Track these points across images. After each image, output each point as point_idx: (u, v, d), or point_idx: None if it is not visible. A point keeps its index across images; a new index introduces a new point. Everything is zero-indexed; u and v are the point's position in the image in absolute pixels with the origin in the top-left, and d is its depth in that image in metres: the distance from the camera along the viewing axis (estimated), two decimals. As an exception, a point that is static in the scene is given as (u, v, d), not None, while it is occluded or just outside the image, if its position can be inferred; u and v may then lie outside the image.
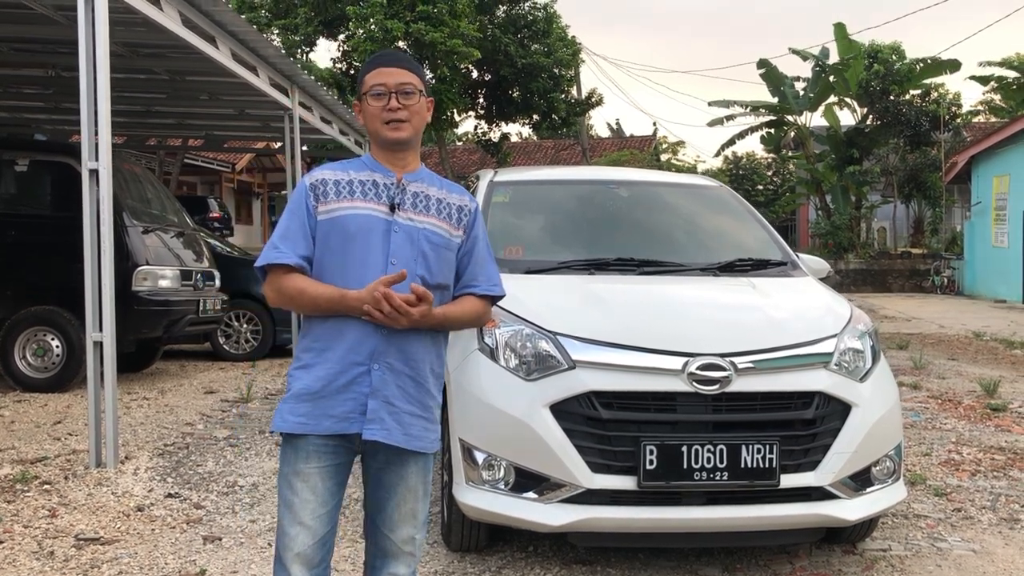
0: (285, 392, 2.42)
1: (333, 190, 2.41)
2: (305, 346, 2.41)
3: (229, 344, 10.18)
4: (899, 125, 28.14)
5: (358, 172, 2.45)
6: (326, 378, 2.34)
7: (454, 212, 2.49)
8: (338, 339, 2.34)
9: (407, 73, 2.43)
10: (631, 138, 40.39)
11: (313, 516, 2.35)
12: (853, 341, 3.81)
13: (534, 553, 4.00)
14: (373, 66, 2.46)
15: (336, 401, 2.33)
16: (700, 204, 5.14)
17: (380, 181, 2.43)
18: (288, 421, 2.36)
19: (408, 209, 2.42)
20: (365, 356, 2.33)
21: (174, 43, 7.50)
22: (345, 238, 2.37)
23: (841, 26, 27.08)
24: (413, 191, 2.44)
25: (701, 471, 3.40)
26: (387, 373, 2.34)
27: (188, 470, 5.34)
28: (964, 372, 9.47)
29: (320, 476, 2.36)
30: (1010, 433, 6.44)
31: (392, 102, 2.40)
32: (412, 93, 2.42)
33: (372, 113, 2.43)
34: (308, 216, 2.40)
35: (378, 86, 2.41)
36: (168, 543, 4.12)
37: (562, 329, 3.63)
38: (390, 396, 2.35)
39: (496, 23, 23.50)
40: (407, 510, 2.45)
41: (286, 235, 2.40)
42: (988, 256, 22.88)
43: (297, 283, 2.36)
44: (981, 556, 4.04)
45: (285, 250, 2.37)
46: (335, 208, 2.39)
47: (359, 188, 2.41)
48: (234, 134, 14.18)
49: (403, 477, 2.43)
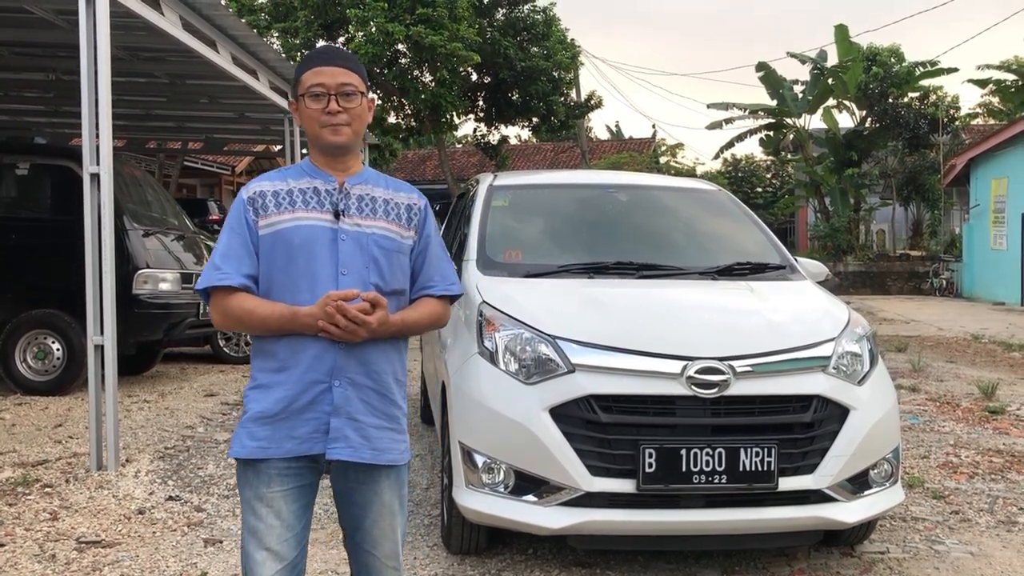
0: (242, 414, 2.29)
1: (273, 202, 2.28)
2: (260, 365, 2.28)
3: (229, 347, 10.18)
4: (898, 128, 28.20)
5: (297, 180, 2.32)
6: (286, 399, 2.22)
7: (403, 212, 2.38)
8: (295, 357, 2.23)
9: (348, 73, 2.29)
10: (630, 140, 40.43)
11: (279, 541, 2.23)
12: (851, 345, 3.84)
13: (534, 556, 4.02)
14: (311, 64, 2.31)
15: (298, 422, 2.22)
16: (698, 208, 5.17)
17: (322, 188, 2.31)
18: (248, 447, 2.23)
19: (354, 214, 2.30)
20: (324, 373, 2.23)
21: (174, 47, 7.52)
22: (290, 252, 2.25)
23: (842, 27, 27.12)
24: (357, 195, 2.33)
25: (700, 474, 3.43)
26: (349, 389, 2.25)
27: (189, 473, 5.36)
28: (962, 375, 9.49)
29: (284, 499, 2.24)
30: (1008, 436, 6.46)
31: (332, 104, 2.26)
32: (353, 95, 2.29)
33: (310, 116, 2.28)
34: (249, 232, 2.27)
35: (316, 87, 2.26)
36: (169, 546, 4.14)
37: (561, 333, 3.65)
38: (353, 412, 2.25)
39: (495, 26, 23.52)
40: (386, 526, 2.35)
41: (227, 254, 2.27)
42: (987, 258, 22.90)
43: (244, 304, 2.24)
44: (979, 558, 4.06)
45: (228, 270, 2.24)
46: (276, 221, 2.26)
47: (300, 197, 2.28)
48: (234, 137, 14.21)
49: (377, 493, 2.33)
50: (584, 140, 31.01)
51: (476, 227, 4.65)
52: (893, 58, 27.93)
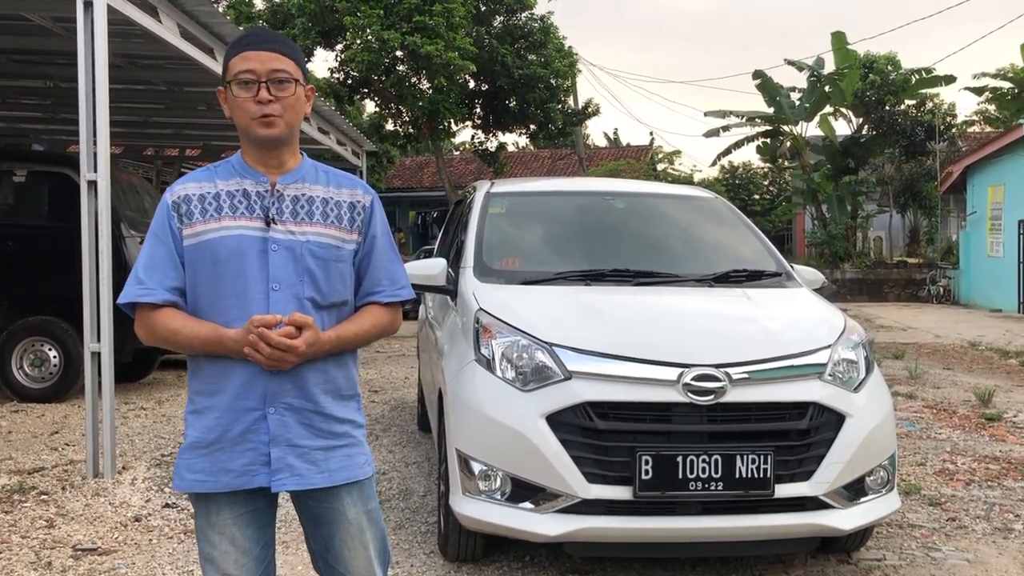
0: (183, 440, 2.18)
1: (198, 208, 2.09)
2: (196, 387, 2.13)
3: (226, 354, 10.18)
4: (894, 135, 28.22)
5: (226, 180, 2.11)
6: (218, 428, 2.06)
7: (345, 212, 2.16)
8: (226, 381, 2.07)
9: (280, 58, 2.07)
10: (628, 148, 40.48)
11: (237, 566, 2.12)
12: (847, 352, 3.84)
13: (530, 563, 4.02)
14: (239, 48, 2.10)
15: (233, 454, 2.06)
16: (695, 215, 5.18)
17: (252, 189, 2.10)
18: (186, 480, 2.10)
19: (287, 220, 2.10)
20: (257, 400, 2.06)
21: (172, 54, 7.53)
22: (216, 266, 2.07)
23: (840, 34, 27.21)
24: (292, 195, 2.12)
25: (696, 481, 3.43)
26: (287, 414, 2.07)
27: (185, 480, 5.34)
28: (959, 382, 9.50)
29: (236, 525, 2.13)
30: (1005, 443, 6.46)
31: (262, 93, 2.05)
32: (287, 82, 2.07)
33: (239, 106, 2.07)
34: (174, 240, 2.09)
35: (245, 73, 2.05)
36: (166, 553, 4.14)
37: (558, 340, 3.65)
38: (294, 438, 2.08)
39: (493, 33, 23.57)
40: (356, 544, 2.19)
41: (151, 265, 2.09)
42: (983, 266, 22.95)
43: (170, 323, 2.07)
44: (975, 565, 4.07)
45: (152, 284, 2.06)
46: (202, 231, 2.08)
47: (227, 202, 2.09)
48: (232, 144, 14.20)
49: (340, 512, 2.17)
50: (582, 147, 31.05)
51: (473, 234, 4.66)
52: (890, 66, 27.99)
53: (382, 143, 23.36)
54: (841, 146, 28.89)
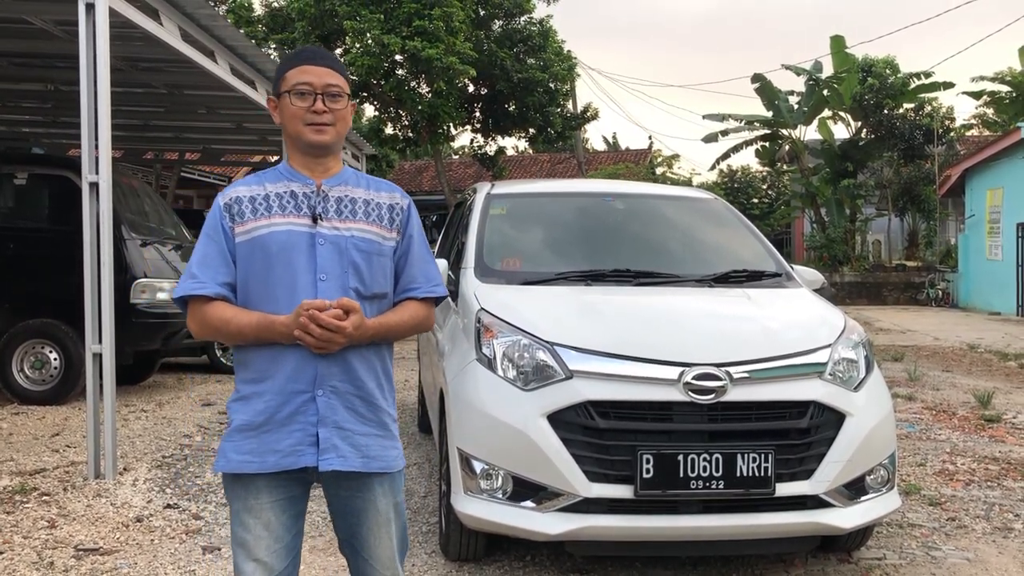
0: (227, 426, 2.27)
1: (249, 208, 2.24)
2: (242, 376, 2.25)
3: (227, 357, 10.16)
4: (893, 138, 28.27)
5: (274, 184, 2.27)
6: (267, 411, 2.19)
7: (385, 213, 2.33)
8: (276, 367, 2.19)
9: (335, 74, 2.27)
10: (627, 152, 40.52)
11: (269, 552, 2.21)
12: (847, 351, 3.86)
13: (531, 563, 4.03)
14: (297, 62, 2.28)
15: (281, 434, 2.18)
16: (695, 216, 5.19)
17: (299, 191, 2.26)
18: (232, 461, 2.20)
19: (332, 217, 2.25)
20: (307, 383, 2.19)
21: (173, 57, 7.55)
22: (267, 259, 2.21)
23: (838, 39, 27.27)
24: (336, 196, 2.28)
25: (697, 480, 3.44)
26: (333, 397, 2.20)
27: (187, 481, 5.36)
28: (958, 384, 9.52)
29: (273, 511, 2.22)
30: (1004, 444, 6.48)
31: (318, 104, 2.23)
32: (339, 96, 2.26)
33: (293, 114, 2.24)
34: (226, 239, 2.24)
35: (303, 85, 2.23)
36: (167, 553, 4.14)
37: (559, 339, 3.67)
38: (340, 421, 2.21)
39: (492, 37, 23.61)
40: (382, 534, 2.31)
41: (204, 262, 2.23)
42: (982, 269, 22.97)
43: (221, 313, 2.20)
44: (975, 564, 4.08)
45: (204, 279, 2.21)
46: (253, 228, 2.22)
47: (276, 202, 2.24)
48: (232, 147, 14.26)
49: (371, 501, 2.29)
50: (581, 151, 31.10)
51: (474, 235, 4.67)
52: (888, 69, 28.05)
53: (381, 147, 23.38)
54: (840, 150, 28.94)
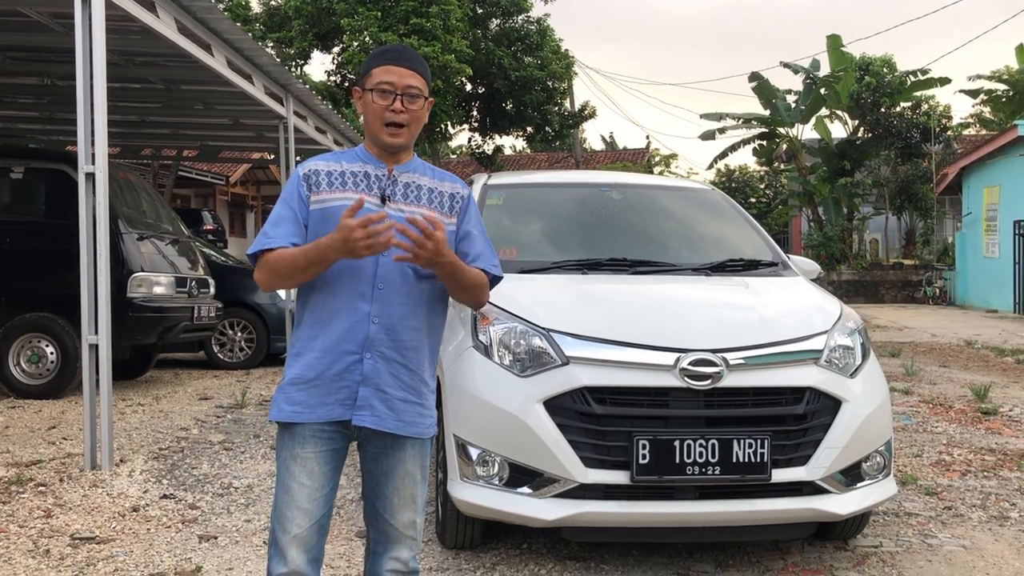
0: (281, 379, 2.44)
1: (326, 180, 2.42)
2: (299, 334, 2.44)
3: (223, 352, 10.19)
4: (890, 137, 28.32)
5: (351, 163, 2.46)
6: (319, 366, 2.36)
7: (446, 200, 2.49)
8: (329, 327, 2.36)
9: (415, 76, 2.43)
10: (624, 151, 40.56)
11: (310, 499, 2.38)
12: (843, 338, 3.86)
13: (528, 550, 4.03)
14: (383, 61, 2.44)
15: (330, 389, 2.36)
16: (692, 207, 5.20)
17: (372, 172, 2.44)
18: (284, 411, 2.39)
19: (399, 200, 2.42)
20: (357, 345, 2.35)
21: (170, 51, 7.56)
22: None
23: (835, 37, 27.31)
24: (404, 182, 2.45)
25: (693, 465, 3.44)
26: (379, 362, 2.36)
27: (183, 472, 5.35)
28: (955, 378, 9.53)
29: (317, 461, 2.39)
30: (1000, 435, 6.49)
31: (397, 104, 2.39)
32: (417, 97, 2.42)
33: (374, 111, 2.41)
34: (301, 204, 2.41)
35: (385, 84, 2.39)
36: (164, 542, 4.14)
37: (555, 326, 3.66)
38: (382, 384, 2.37)
39: (490, 36, 23.63)
40: (406, 494, 2.46)
41: (278, 223, 2.41)
42: (979, 267, 23.00)
43: (281, 254, 2.36)
44: (971, 552, 4.08)
45: (275, 236, 2.38)
46: (327, 198, 2.40)
47: (351, 179, 2.42)
48: (228, 144, 14.23)
49: (401, 461, 2.44)
50: (579, 150, 31.13)
51: (470, 225, 4.65)
52: (885, 68, 28.08)
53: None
54: (837, 148, 28.97)
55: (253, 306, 10.22)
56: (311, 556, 2.40)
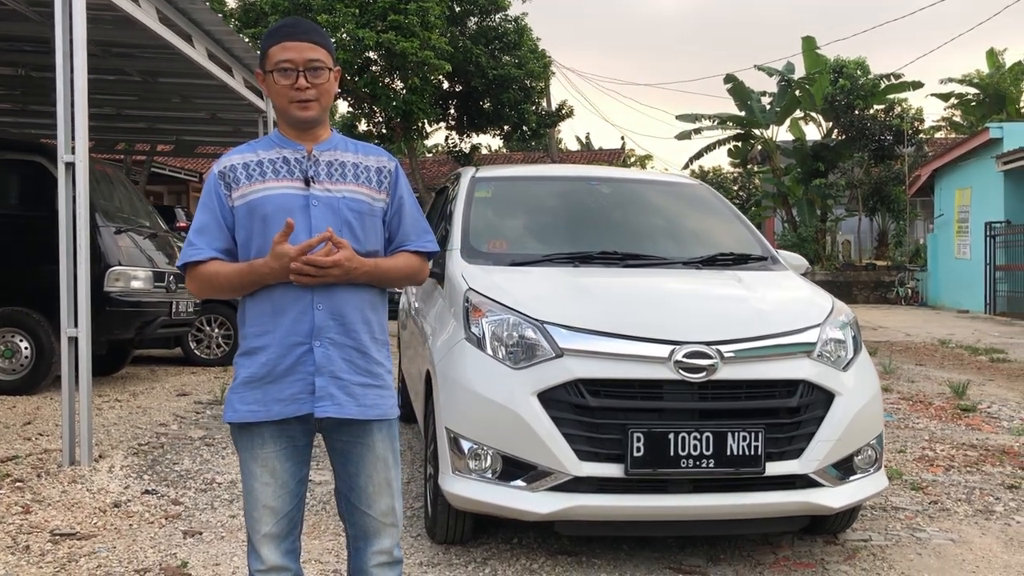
0: (232, 380, 2.39)
1: (244, 174, 2.34)
2: (245, 332, 2.38)
3: (200, 349, 10.05)
4: (864, 139, 28.57)
5: (267, 151, 2.37)
6: (269, 363, 2.30)
7: (373, 175, 2.41)
8: (275, 322, 2.30)
9: (316, 48, 2.31)
10: (600, 151, 40.62)
11: (275, 497, 2.35)
12: (835, 332, 3.86)
13: (518, 545, 3.99)
14: (278, 39, 2.33)
15: (283, 384, 2.30)
16: (680, 201, 5.19)
17: (291, 156, 2.35)
18: (239, 411, 2.33)
19: (324, 180, 2.35)
20: (304, 335, 2.30)
21: (149, 42, 7.44)
22: (264, 221, 2.30)
23: (810, 39, 27.52)
24: (327, 160, 2.37)
25: (687, 458, 3.42)
26: (330, 348, 2.31)
27: (164, 468, 5.26)
28: (932, 376, 9.61)
29: (278, 459, 2.35)
30: (980, 432, 6.54)
31: (300, 80, 2.29)
32: (321, 70, 2.31)
33: (278, 92, 2.33)
34: (221, 206, 2.34)
35: (285, 63, 2.30)
36: (147, 538, 4.06)
37: (549, 318, 3.63)
38: (336, 371, 2.31)
39: (467, 34, 23.55)
40: (380, 480, 2.40)
41: (201, 230, 2.35)
42: (951, 268, 23.26)
43: (213, 269, 2.33)
44: (959, 545, 4.10)
45: (201, 246, 2.33)
46: (248, 192, 2.33)
47: (270, 168, 2.34)
48: (205, 139, 14.03)
49: (369, 447, 2.39)
50: (555, 150, 31.11)
51: (459, 218, 4.62)
52: (859, 70, 28.35)
53: (356, 143, 23.20)
54: (811, 150, 29.19)
55: (230, 301, 10.09)
56: (285, 549, 2.39)
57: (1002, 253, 20.14)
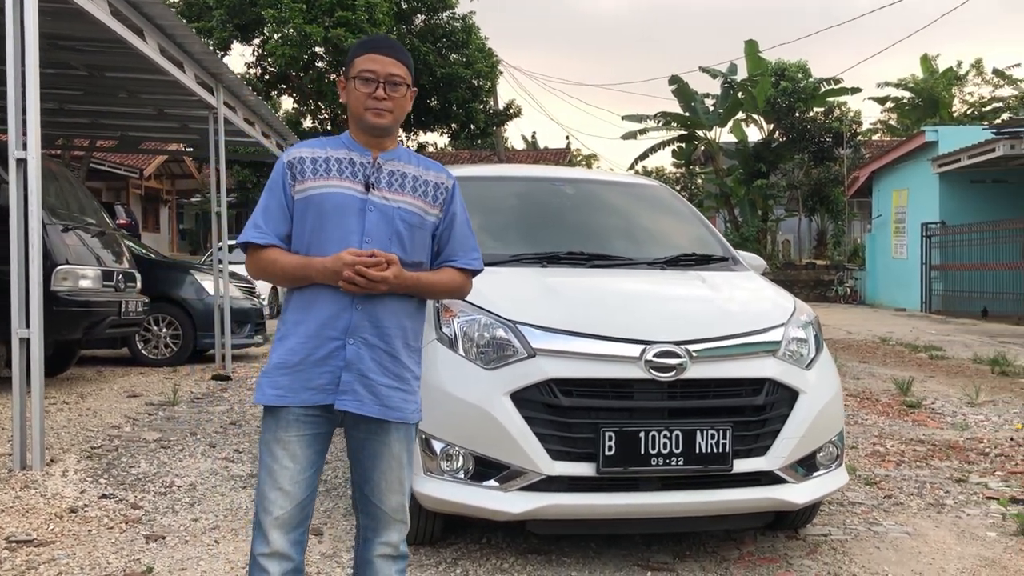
0: (266, 363, 2.48)
1: (310, 168, 2.45)
2: (285, 319, 2.48)
3: (148, 349, 9.86)
4: (804, 141, 29.20)
5: (336, 150, 2.49)
6: (303, 351, 2.40)
7: (430, 190, 2.54)
8: (312, 312, 2.41)
9: (398, 64, 2.48)
10: (546, 151, 40.81)
11: (292, 482, 2.41)
12: (798, 331, 3.94)
13: (488, 544, 4.00)
14: (366, 50, 2.50)
15: (313, 373, 2.40)
16: (643, 202, 5.24)
17: (357, 160, 2.48)
18: (268, 394, 2.42)
19: (383, 188, 2.46)
20: (340, 331, 2.40)
21: (98, 35, 7.27)
22: (320, 216, 2.42)
23: (753, 43, 28.01)
24: (389, 170, 2.49)
25: (658, 456, 3.47)
26: (362, 348, 2.40)
27: (121, 472, 5.16)
28: (876, 373, 9.87)
29: (300, 444, 2.42)
30: (927, 427, 6.74)
31: (379, 91, 2.44)
32: (399, 85, 2.47)
33: (357, 98, 2.46)
34: (285, 194, 2.47)
35: (368, 72, 2.44)
36: (108, 543, 3.98)
37: (521, 318, 3.65)
38: (365, 370, 2.41)
39: (414, 32, 23.47)
40: (393, 478, 2.50)
41: (266, 213, 2.48)
42: (888, 267, 23.88)
43: (273, 256, 2.45)
44: (915, 538, 4.22)
45: (266, 230, 2.46)
46: (311, 186, 2.44)
47: (335, 166, 2.46)
48: (151, 135, 13.71)
49: (387, 445, 2.48)
50: (502, 149, 31.16)
51: (425, 217, 4.60)
52: (800, 73, 28.94)
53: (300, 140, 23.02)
54: (753, 151, 29.73)
55: (179, 301, 9.92)
56: (293, 538, 2.43)
57: (937, 253, 20.76)
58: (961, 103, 33.13)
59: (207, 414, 7.00)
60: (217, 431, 6.35)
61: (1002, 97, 32.32)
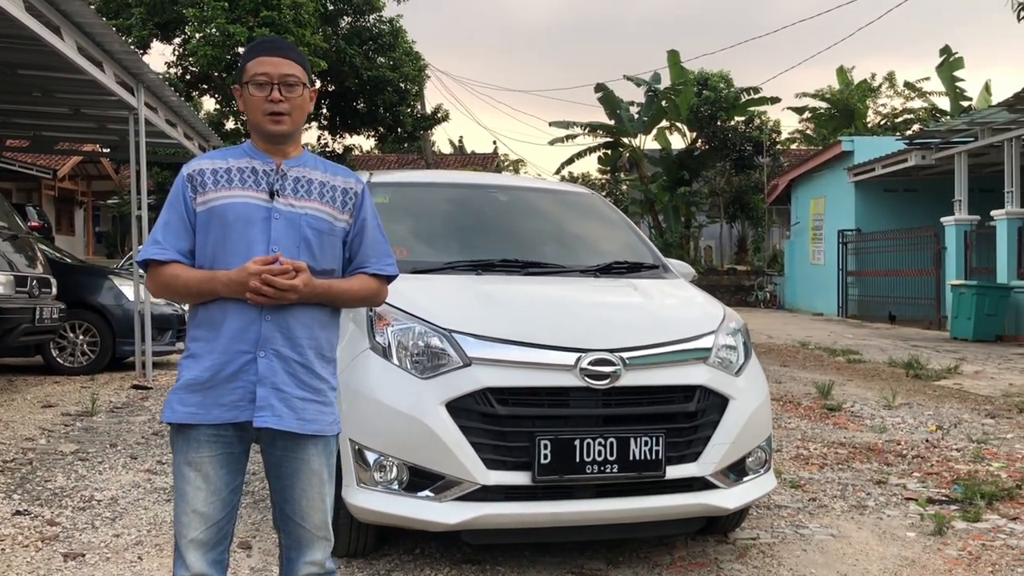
0: (175, 382, 2.40)
1: (211, 179, 2.38)
2: (192, 336, 2.40)
3: (63, 357, 9.52)
4: (725, 149, 29.83)
5: (237, 160, 2.42)
6: (213, 368, 2.32)
7: (338, 195, 2.46)
8: (221, 327, 2.33)
9: (291, 64, 2.40)
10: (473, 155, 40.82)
11: (206, 503, 2.34)
12: (727, 338, 4.00)
13: (421, 555, 3.97)
14: (256, 53, 2.42)
15: (225, 390, 2.32)
16: (575, 210, 5.27)
17: (259, 168, 2.40)
18: (178, 412, 2.34)
19: (289, 195, 2.39)
20: (250, 344, 2.32)
21: (11, 32, 6.99)
22: (224, 227, 2.35)
23: (675, 53, 28.48)
24: (294, 176, 2.42)
25: (592, 464, 3.48)
26: (274, 360, 2.33)
27: (36, 486, 4.96)
28: (797, 377, 10.12)
29: (212, 464, 2.35)
30: (847, 430, 6.93)
31: (274, 94, 2.36)
32: (295, 85, 2.39)
33: (253, 104, 2.38)
34: (186, 208, 2.38)
35: (260, 75, 2.36)
36: (23, 562, 3.82)
37: (457, 327, 3.62)
38: (279, 383, 2.34)
39: (341, 34, 23.23)
40: (315, 494, 2.42)
41: (166, 228, 2.39)
42: (806, 273, 24.53)
43: (174, 271, 2.37)
44: (840, 540, 4.33)
45: (166, 246, 2.37)
46: (213, 198, 2.37)
47: (237, 176, 2.39)
48: (67, 135, 13.26)
49: (305, 461, 2.40)
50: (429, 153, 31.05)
51: (357, 224, 4.54)
52: (723, 83, 29.54)
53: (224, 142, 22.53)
54: (676, 159, 30.23)
55: (97, 307, 9.60)
56: (212, 558, 2.37)
57: (853, 259, 21.41)
58: (875, 114, 34.31)
59: (128, 424, 6.78)
60: (139, 442, 6.15)
61: (913, 109, 33.56)
